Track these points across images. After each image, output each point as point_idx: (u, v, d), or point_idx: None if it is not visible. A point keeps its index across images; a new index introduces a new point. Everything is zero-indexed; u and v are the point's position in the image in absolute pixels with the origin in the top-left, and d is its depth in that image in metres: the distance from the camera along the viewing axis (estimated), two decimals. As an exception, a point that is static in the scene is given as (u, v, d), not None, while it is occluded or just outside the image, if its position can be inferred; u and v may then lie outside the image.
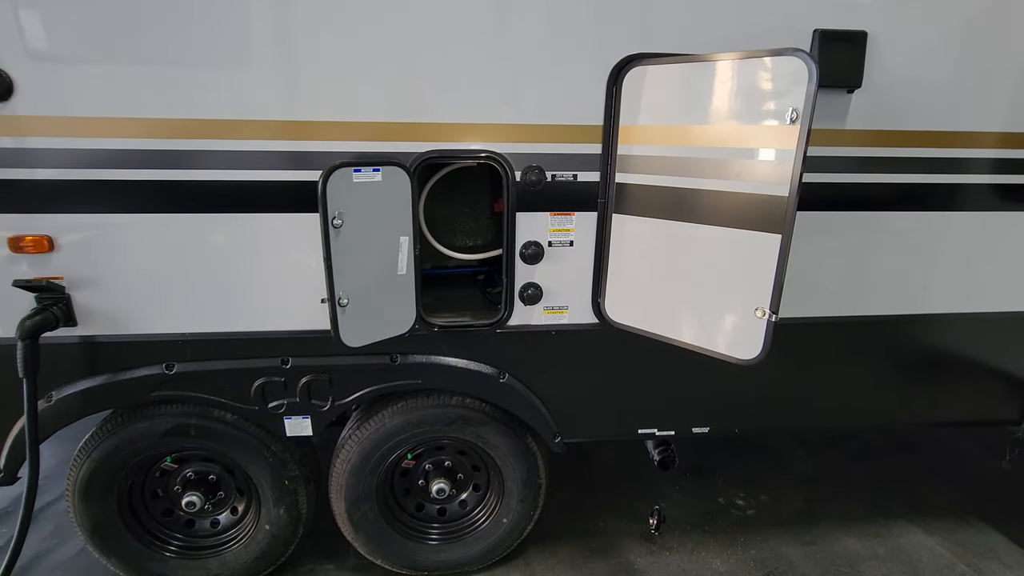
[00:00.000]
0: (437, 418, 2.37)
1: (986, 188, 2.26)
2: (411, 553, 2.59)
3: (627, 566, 2.78)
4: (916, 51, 2.05)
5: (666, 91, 1.89)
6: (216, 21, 1.78)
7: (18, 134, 1.79)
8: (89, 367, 2.07)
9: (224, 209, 1.97)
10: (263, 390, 2.18)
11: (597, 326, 2.23)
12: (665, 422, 2.44)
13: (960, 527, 3.08)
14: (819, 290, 2.34)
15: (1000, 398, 2.64)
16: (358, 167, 1.84)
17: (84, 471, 2.25)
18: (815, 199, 2.19)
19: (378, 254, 1.99)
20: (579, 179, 2.06)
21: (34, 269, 1.91)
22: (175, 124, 1.85)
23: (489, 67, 1.93)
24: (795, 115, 1.60)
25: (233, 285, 2.04)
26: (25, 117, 1.78)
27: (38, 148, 1.81)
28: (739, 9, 1.97)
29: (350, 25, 1.83)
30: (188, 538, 2.53)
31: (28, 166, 1.82)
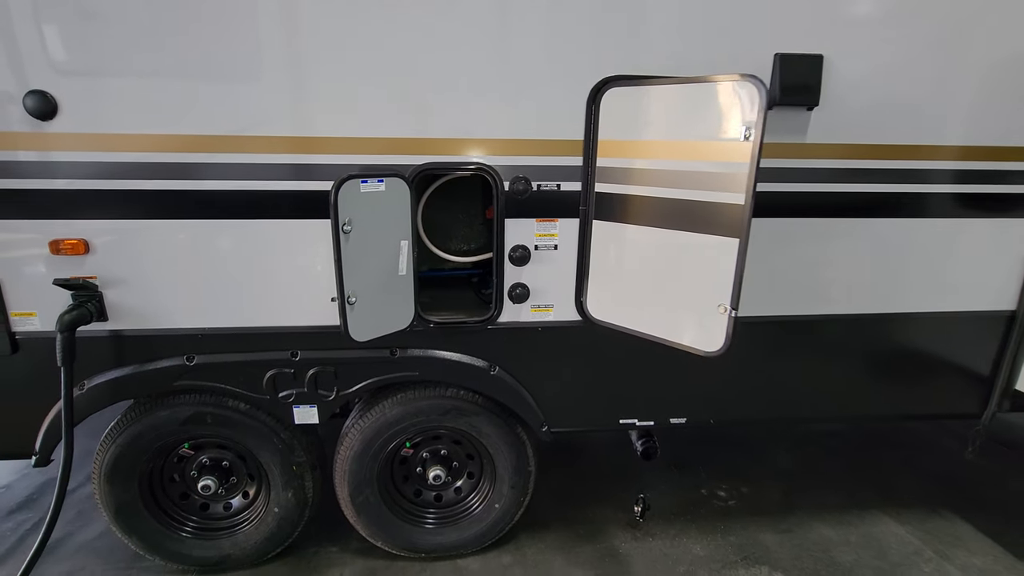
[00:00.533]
0: (433, 408, 2.56)
1: (937, 196, 2.45)
2: (409, 536, 2.78)
3: (612, 550, 2.96)
4: (868, 72, 2.25)
5: (639, 110, 2.09)
6: (236, 52, 2.00)
7: (61, 149, 2.01)
8: (118, 358, 2.29)
9: (240, 216, 2.18)
10: (274, 381, 2.39)
11: (580, 323, 2.43)
12: (644, 413, 2.63)
13: (930, 517, 3.25)
14: (786, 290, 2.53)
15: (961, 393, 2.82)
16: (365, 178, 2.04)
17: (110, 456, 2.46)
18: (781, 207, 2.40)
19: (381, 256, 2.19)
20: (562, 188, 2.27)
21: (71, 269, 2.13)
22: (198, 140, 2.07)
23: (481, 88, 2.14)
24: (749, 132, 1.80)
25: (247, 284, 2.25)
26: (67, 134, 2.00)
27: (78, 161, 2.03)
28: (708, 36, 2.18)
29: (359, 52, 2.05)
30: (203, 520, 2.73)
31: (68, 177, 2.04)
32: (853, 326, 2.63)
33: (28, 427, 2.30)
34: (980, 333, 2.72)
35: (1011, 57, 2.34)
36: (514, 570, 2.81)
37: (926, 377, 2.77)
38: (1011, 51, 2.33)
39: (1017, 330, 2.66)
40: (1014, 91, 2.37)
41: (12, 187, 2.03)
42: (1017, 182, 2.49)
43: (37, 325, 2.19)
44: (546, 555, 2.91)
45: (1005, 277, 2.64)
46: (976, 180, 2.47)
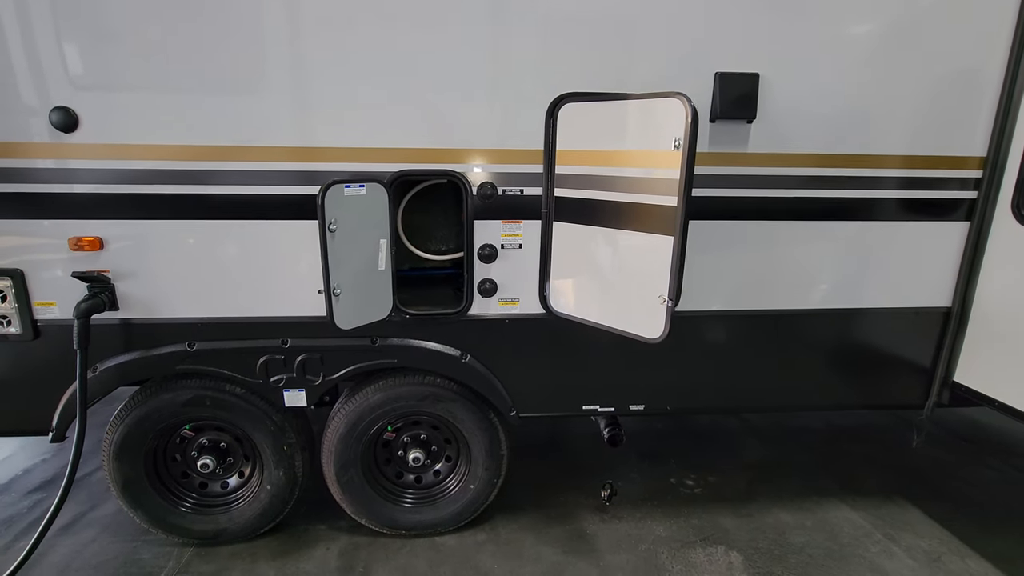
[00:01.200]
0: (412, 394, 2.80)
1: (871, 201, 2.68)
2: (391, 514, 3.01)
3: (580, 531, 3.17)
4: (799, 89, 2.50)
5: (590, 123, 2.35)
6: (237, 72, 2.29)
7: (80, 157, 2.29)
8: (127, 344, 2.55)
9: (236, 217, 2.44)
10: (266, 366, 2.64)
11: (543, 315, 2.67)
12: (605, 399, 2.86)
13: (884, 504, 3.44)
14: (734, 286, 2.76)
15: (905, 384, 3.02)
16: (348, 183, 2.30)
17: (118, 435, 2.71)
18: (726, 210, 2.64)
19: (363, 253, 2.44)
20: (525, 193, 2.53)
21: (88, 264, 2.41)
22: (200, 149, 2.34)
23: (451, 105, 2.40)
24: (678, 143, 2.05)
25: (243, 278, 2.52)
26: (86, 144, 2.28)
27: (95, 168, 2.31)
28: (655, 56, 2.43)
29: (349, 75, 2.32)
30: (201, 496, 2.98)
31: (87, 182, 2.32)
32: (800, 321, 2.85)
33: (46, 406, 2.57)
34: (920, 328, 2.93)
35: (936, 75, 2.57)
36: (487, 547, 3.03)
37: (872, 369, 2.98)
38: (935, 70, 2.57)
39: (953, 325, 2.87)
40: (937, 106, 2.60)
41: (37, 191, 2.31)
42: (946, 188, 2.72)
43: (56, 313, 2.46)
44: (518, 534, 3.13)
45: (940, 276, 2.85)
46: (906, 186, 2.70)
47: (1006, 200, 2.64)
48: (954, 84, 2.59)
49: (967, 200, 2.74)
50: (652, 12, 2.38)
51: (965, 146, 2.67)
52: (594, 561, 2.93)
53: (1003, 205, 2.65)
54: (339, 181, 2.25)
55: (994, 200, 2.68)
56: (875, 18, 2.49)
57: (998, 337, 2.72)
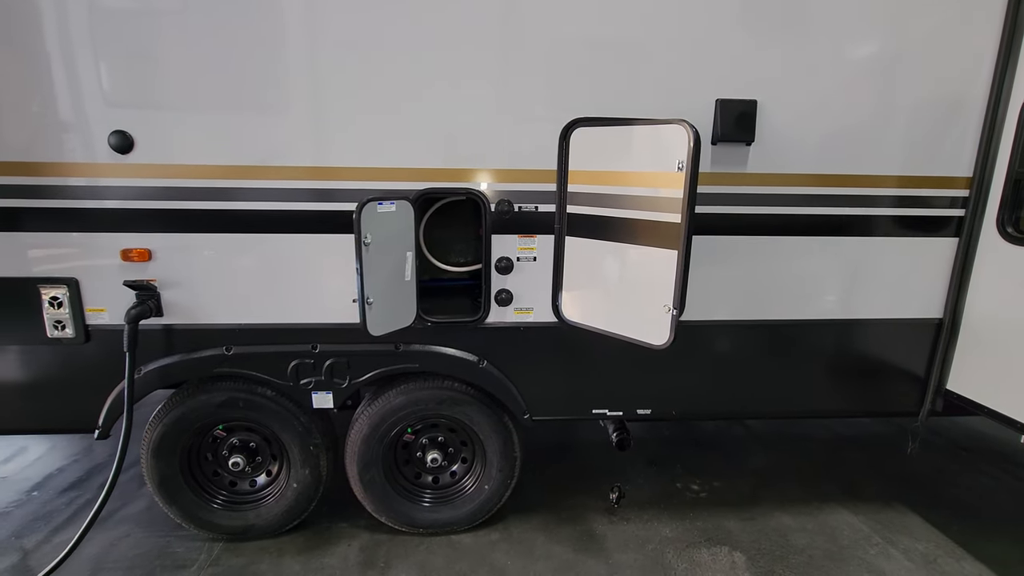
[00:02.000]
0: (431, 398, 2.98)
1: (861, 218, 2.86)
2: (409, 512, 3.17)
3: (590, 531, 3.31)
4: (794, 114, 2.69)
5: (600, 146, 2.55)
6: (270, 98, 2.51)
7: (134, 176, 2.51)
8: (169, 348, 2.75)
9: (271, 231, 2.65)
10: (296, 370, 2.83)
11: (556, 323, 2.85)
12: (614, 404, 3.02)
13: (884, 509, 3.56)
14: (736, 297, 2.93)
15: (900, 393, 3.17)
16: (380, 201, 2.50)
17: (156, 433, 2.90)
18: (727, 226, 2.82)
19: (392, 265, 2.62)
20: (539, 210, 2.72)
21: (137, 273, 2.61)
22: (240, 169, 2.55)
23: (473, 128, 2.61)
24: (681, 165, 2.24)
25: (277, 287, 2.72)
26: (139, 164, 2.50)
27: (146, 186, 2.53)
28: (660, 84, 2.64)
29: (381, 103, 2.54)
30: (231, 494, 3.15)
31: (138, 199, 2.54)
32: (798, 330, 3.01)
33: (94, 405, 2.76)
34: (913, 338, 3.08)
35: (923, 100, 2.76)
36: (501, 545, 3.18)
37: (868, 377, 3.13)
38: (923, 95, 2.75)
39: (944, 335, 3.02)
40: (925, 129, 2.78)
41: (95, 206, 2.53)
42: (935, 206, 2.89)
43: (106, 319, 2.66)
44: (530, 534, 3.28)
45: (931, 289, 3.01)
46: (897, 205, 2.87)
47: (992, 218, 2.80)
48: (941, 108, 2.78)
49: (955, 217, 2.90)
50: (658, 45, 2.59)
51: (952, 167, 2.84)
52: (603, 559, 3.07)
53: (989, 222, 2.82)
54: (372, 199, 2.45)
55: (980, 218, 2.85)
56: (866, 49, 2.69)
57: (987, 347, 2.87)
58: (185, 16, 2.41)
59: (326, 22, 2.46)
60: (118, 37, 2.40)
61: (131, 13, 2.40)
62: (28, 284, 2.59)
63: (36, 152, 2.47)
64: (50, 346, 2.68)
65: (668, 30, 2.59)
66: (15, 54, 2.38)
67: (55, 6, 2.35)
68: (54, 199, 2.52)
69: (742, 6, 2.60)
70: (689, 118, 2.50)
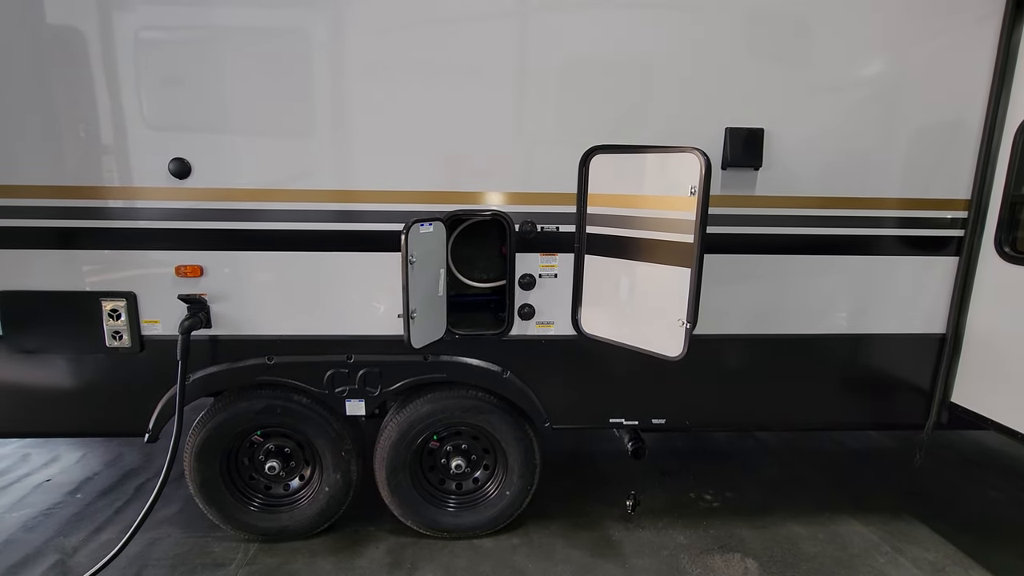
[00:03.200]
0: (457, 406, 3.15)
1: (865, 238, 3.02)
2: (433, 516, 3.32)
3: (606, 538, 3.44)
4: (799, 141, 2.87)
5: (618, 171, 2.74)
6: (312, 129, 2.74)
7: (189, 199, 2.74)
8: (215, 357, 2.96)
9: (311, 249, 2.86)
10: (332, 378, 3.02)
11: (575, 336, 3.02)
12: (630, 413, 3.17)
13: (893, 520, 3.65)
14: (748, 312, 3.09)
15: (906, 406, 3.29)
16: (422, 223, 2.69)
17: (200, 438, 3.09)
18: (738, 245, 2.99)
19: (429, 282, 2.81)
20: (560, 230, 2.91)
21: (189, 288, 2.84)
22: (286, 192, 2.78)
23: (499, 152, 2.82)
24: (694, 190, 2.43)
25: (316, 300, 2.92)
26: (195, 188, 2.74)
27: (200, 208, 2.76)
28: (672, 113, 2.84)
29: (407, 133, 2.77)
30: (267, 496, 3.33)
31: (193, 219, 2.77)
32: (807, 345, 3.16)
33: (145, 410, 2.97)
34: (918, 353, 3.21)
35: (922, 125, 2.93)
36: (522, 549, 3.32)
37: (875, 390, 3.26)
38: (921, 119, 2.93)
39: (947, 350, 3.15)
40: (925, 153, 2.95)
41: (154, 226, 2.76)
42: (935, 227, 3.04)
43: (160, 330, 2.88)
44: (549, 539, 3.41)
45: (934, 305, 3.15)
46: (899, 225, 3.03)
47: (990, 238, 2.95)
48: (939, 133, 2.95)
49: (955, 237, 3.06)
50: (672, 77, 2.80)
51: (951, 189, 3.00)
52: (620, 563, 3.20)
53: (987, 242, 2.96)
54: (416, 221, 2.64)
55: (979, 238, 2.99)
56: (867, 77, 2.87)
57: (988, 362, 3.00)
58: (244, 52, 2.66)
59: (379, 60, 2.70)
60: (177, 69, 2.65)
61: (190, 51, 2.66)
62: (90, 297, 2.82)
63: (101, 177, 2.72)
64: (107, 355, 2.90)
65: (681, 65, 2.80)
66: (95, 94, 2.64)
67: (126, 45, 2.61)
68: (117, 220, 2.76)
69: (749, 43, 2.80)
70: (701, 145, 2.70)
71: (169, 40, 2.65)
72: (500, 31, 2.73)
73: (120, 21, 2.60)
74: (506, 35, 2.74)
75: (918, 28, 2.84)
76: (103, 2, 2.59)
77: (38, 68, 2.61)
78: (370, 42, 2.69)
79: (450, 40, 2.71)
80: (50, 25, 2.59)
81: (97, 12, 2.59)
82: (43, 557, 3.20)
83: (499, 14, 2.72)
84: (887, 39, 2.85)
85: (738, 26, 2.79)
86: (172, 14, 2.62)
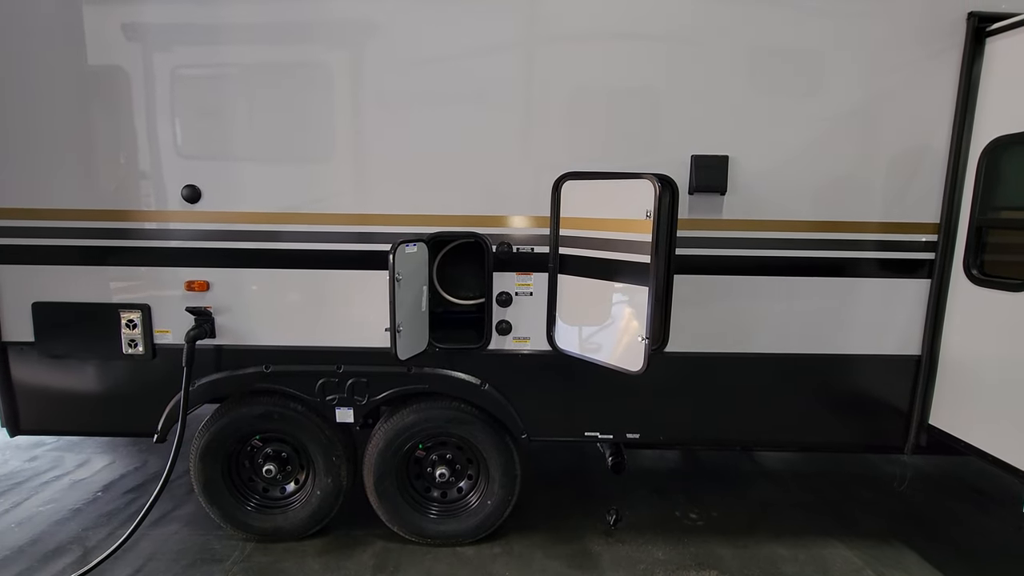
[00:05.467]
0: (440, 416, 3.33)
1: (835, 260, 3.10)
2: (418, 523, 3.48)
3: (586, 550, 3.53)
4: (761, 167, 3.00)
5: (586, 196, 2.93)
6: (316, 157, 3.03)
7: (199, 221, 3.06)
8: (218, 366, 3.23)
9: (306, 266, 3.13)
10: (323, 387, 3.25)
11: (550, 352, 3.18)
12: (604, 427, 3.29)
13: (881, 545, 3.61)
14: (715, 331, 3.18)
15: (885, 427, 3.30)
16: (408, 243, 2.92)
17: (204, 440, 3.36)
18: (706, 266, 3.11)
19: (413, 298, 3.03)
20: (535, 251, 3.10)
21: (196, 301, 3.13)
22: (281, 215, 3.07)
23: (478, 182, 3.05)
24: (649, 213, 2.59)
25: (309, 314, 3.18)
26: (204, 211, 3.05)
27: (207, 229, 3.07)
28: (638, 142, 3.02)
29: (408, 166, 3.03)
30: (263, 498, 3.56)
31: (200, 239, 3.08)
32: (781, 363, 3.22)
33: (155, 413, 3.26)
34: (896, 374, 3.24)
35: (890, 151, 3.02)
36: (502, 558, 3.43)
37: (852, 411, 3.28)
38: (889, 146, 3.02)
39: (923, 371, 3.17)
40: (894, 178, 3.04)
41: (166, 246, 3.09)
42: (904, 250, 3.10)
43: (170, 339, 3.18)
44: (529, 549, 3.52)
45: (909, 326, 3.18)
46: (872, 248, 3.10)
47: (960, 261, 2.99)
48: (906, 160, 3.03)
49: (927, 260, 3.10)
50: (642, 108, 3.00)
51: (920, 213, 3.06)
52: (595, 575, 3.28)
53: (958, 265, 3.00)
54: (403, 241, 2.87)
55: (950, 261, 3.03)
56: (832, 105, 2.98)
57: (962, 384, 3.01)
58: (253, 89, 2.99)
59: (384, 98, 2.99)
60: (194, 103, 3.00)
61: (203, 86, 3.00)
62: (110, 309, 3.14)
63: (121, 201, 3.06)
64: (123, 361, 3.21)
65: (652, 96, 2.99)
66: (118, 123, 3.01)
67: (143, 82, 2.97)
68: (135, 239, 3.09)
69: (718, 74, 2.96)
70: (668, 171, 2.89)
71: (200, 78, 3.00)
72: (476, 71, 2.98)
73: (156, 61, 2.96)
74: (479, 77, 2.98)
75: (883, 59, 2.95)
76: (125, 46, 2.95)
77: (72, 106, 2.99)
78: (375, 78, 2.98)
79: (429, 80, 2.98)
80: (90, 66, 2.98)
81: (118, 53, 2.96)
82: (68, 550, 3.48)
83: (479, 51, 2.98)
84: (853, 70, 2.96)
85: (706, 59, 2.96)
86: (199, 53, 2.98)
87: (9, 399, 3.29)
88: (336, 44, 2.97)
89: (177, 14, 2.93)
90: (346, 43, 2.96)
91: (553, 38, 2.96)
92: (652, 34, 2.95)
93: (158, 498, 3.18)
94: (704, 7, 2.92)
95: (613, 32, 2.96)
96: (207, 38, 2.95)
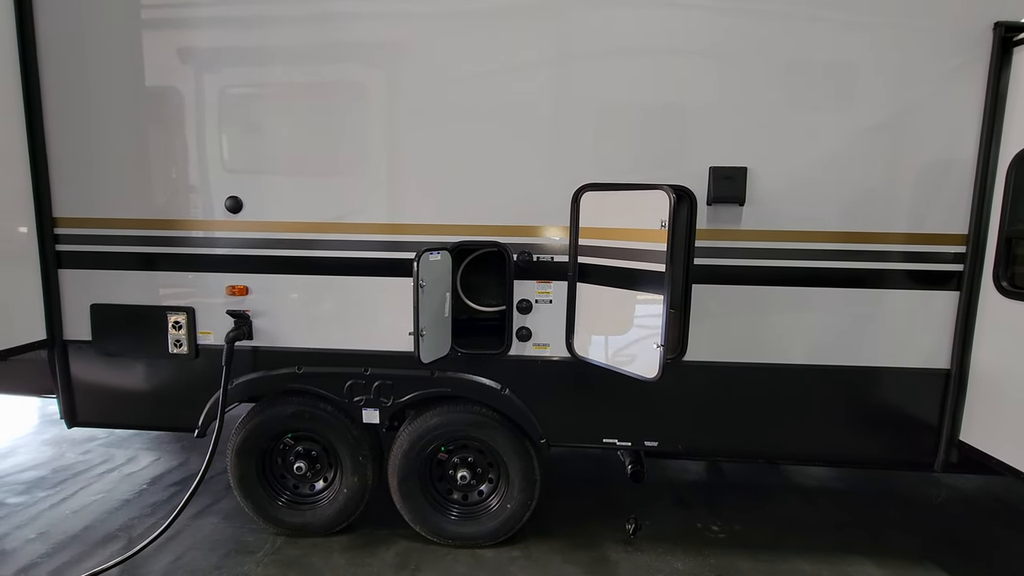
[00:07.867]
0: (462, 420, 3.44)
1: (860, 271, 3.07)
2: (440, 524, 3.58)
3: (604, 557, 3.55)
4: (780, 178, 3.02)
5: (604, 207, 3.01)
6: (347, 169, 3.22)
7: (240, 230, 3.28)
8: (254, 366, 3.43)
9: (337, 273, 3.30)
10: (351, 388, 3.40)
11: (569, 358, 3.25)
12: (622, 434, 3.32)
13: (911, 565, 3.50)
14: (736, 341, 3.19)
15: (915, 443, 3.22)
16: (431, 251, 3.06)
17: (240, 436, 3.55)
18: (728, 276, 3.13)
19: (436, 304, 3.16)
20: (555, 260, 3.19)
21: (236, 305, 3.35)
22: (316, 225, 3.25)
23: (503, 194, 3.17)
24: (664, 223, 2.65)
25: (340, 318, 3.34)
26: (245, 221, 3.27)
27: (248, 237, 3.29)
28: (658, 155, 3.08)
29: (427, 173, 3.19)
30: (294, 494, 3.72)
31: (242, 247, 3.30)
32: (807, 375, 3.19)
33: (196, 409, 3.47)
34: (925, 388, 3.16)
35: (918, 162, 3.00)
36: (520, 562, 3.49)
37: (882, 425, 3.22)
38: (917, 157, 2.99)
39: (953, 385, 3.09)
40: (922, 188, 3.01)
41: (211, 253, 3.32)
42: (935, 262, 3.05)
43: (212, 340, 3.40)
44: (548, 555, 3.56)
45: (939, 340, 3.11)
46: (898, 259, 3.07)
47: (989, 273, 2.93)
48: (934, 170, 2.99)
49: (955, 272, 3.04)
50: (661, 121, 3.07)
51: (948, 224, 3.01)
52: (612, 582, 3.30)
53: (987, 277, 2.94)
54: (427, 249, 3.01)
55: (979, 273, 2.97)
56: (857, 116, 2.98)
57: (993, 399, 2.93)
58: (292, 107, 3.20)
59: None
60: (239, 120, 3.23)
61: (247, 104, 3.23)
62: (159, 311, 3.39)
63: (171, 211, 3.31)
64: (169, 360, 3.45)
65: (671, 109, 3.06)
66: (171, 139, 3.27)
67: (195, 102, 3.23)
68: (182, 247, 3.33)
69: (737, 90, 3.01)
70: (687, 183, 2.95)
71: (245, 97, 3.24)
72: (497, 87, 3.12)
73: (206, 82, 3.21)
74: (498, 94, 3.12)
75: (909, 71, 2.94)
76: (180, 68, 3.21)
77: (130, 125, 3.27)
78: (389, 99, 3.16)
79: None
80: (147, 88, 3.25)
81: (173, 75, 3.22)
82: (117, 538, 3.72)
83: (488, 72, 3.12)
84: (878, 82, 2.96)
85: (732, 74, 3.01)
86: (245, 74, 3.23)
87: (68, 393, 3.57)
88: (371, 64, 3.16)
89: (226, 38, 3.18)
90: (381, 63, 3.15)
91: (580, 56, 3.07)
92: (677, 50, 3.01)
93: (196, 491, 3.37)
94: (729, 23, 2.97)
95: (640, 48, 3.03)
96: (252, 60, 3.19)
